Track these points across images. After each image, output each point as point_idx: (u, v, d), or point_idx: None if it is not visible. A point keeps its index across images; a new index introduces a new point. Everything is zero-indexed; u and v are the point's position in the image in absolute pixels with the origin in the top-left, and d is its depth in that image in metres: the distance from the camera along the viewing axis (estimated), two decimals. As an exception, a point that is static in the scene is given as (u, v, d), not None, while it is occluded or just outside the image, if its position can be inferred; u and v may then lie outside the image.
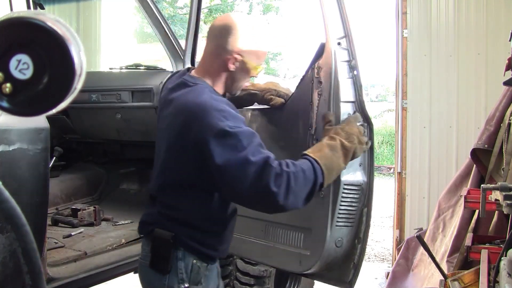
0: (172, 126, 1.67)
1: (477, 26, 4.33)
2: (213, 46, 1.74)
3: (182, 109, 1.64)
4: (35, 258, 0.98)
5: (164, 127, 1.74)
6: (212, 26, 1.78)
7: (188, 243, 1.65)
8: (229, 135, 1.55)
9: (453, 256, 3.36)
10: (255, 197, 1.58)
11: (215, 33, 1.75)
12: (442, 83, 4.44)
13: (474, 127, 4.25)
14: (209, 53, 1.76)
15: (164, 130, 1.73)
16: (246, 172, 1.53)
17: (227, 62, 1.72)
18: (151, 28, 3.12)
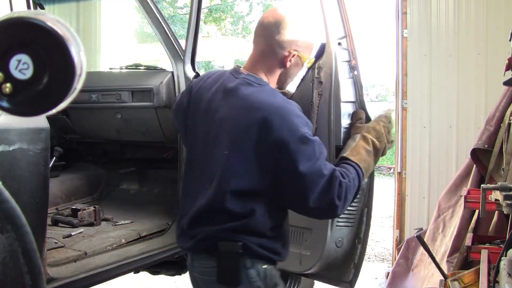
0: (240, 127, 1.56)
1: (477, 26, 4.33)
2: (267, 44, 1.67)
3: (258, 109, 1.55)
4: (35, 258, 0.98)
5: (217, 129, 1.62)
6: (262, 23, 1.69)
7: (257, 250, 1.59)
8: (308, 143, 1.54)
9: (453, 256, 3.36)
10: (318, 208, 1.58)
11: (267, 30, 1.67)
12: (442, 83, 4.44)
13: (474, 127, 4.25)
14: (261, 51, 1.69)
15: (218, 133, 1.61)
16: (318, 184, 1.52)
17: (285, 59, 1.68)
18: (151, 28, 3.11)
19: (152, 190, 3.70)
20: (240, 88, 1.62)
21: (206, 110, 1.68)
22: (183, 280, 3.88)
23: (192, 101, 1.77)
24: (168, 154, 3.34)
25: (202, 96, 1.72)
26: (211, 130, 1.64)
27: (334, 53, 2.04)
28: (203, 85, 1.76)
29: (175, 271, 3.48)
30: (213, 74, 1.79)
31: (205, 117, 1.67)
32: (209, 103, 1.68)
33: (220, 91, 1.67)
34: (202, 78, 1.82)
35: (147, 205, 3.48)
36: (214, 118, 1.64)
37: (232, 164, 1.56)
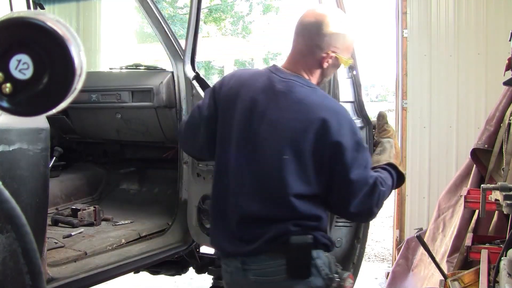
0: (297, 131, 1.57)
1: (477, 26, 4.33)
2: (306, 44, 1.67)
3: (315, 112, 1.57)
4: (35, 258, 0.98)
5: (268, 131, 1.60)
6: (302, 23, 1.68)
7: (321, 240, 1.65)
8: (362, 151, 1.59)
9: (453, 256, 3.36)
10: (357, 214, 1.65)
11: (307, 30, 1.66)
12: (442, 83, 4.44)
13: (474, 127, 4.25)
14: (300, 51, 1.68)
15: (270, 135, 1.59)
16: (362, 191, 1.58)
17: (322, 60, 1.67)
18: (151, 28, 3.11)
19: (152, 190, 3.70)
20: (293, 91, 1.61)
21: (249, 110, 1.63)
22: (183, 280, 3.89)
23: (224, 97, 1.72)
24: (168, 154, 3.34)
25: (240, 93, 1.67)
26: (258, 131, 1.61)
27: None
28: (239, 82, 1.72)
29: (175, 271, 3.48)
30: (246, 72, 1.78)
31: (248, 117, 1.63)
32: (253, 102, 1.63)
33: (268, 92, 1.63)
34: (234, 75, 1.79)
35: (147, 205, 3.48)
36: (263, 120, 1.61)
37: (292, 167, 1.56)
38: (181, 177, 2.96)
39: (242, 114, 1.64)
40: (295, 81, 1.64)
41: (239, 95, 1.67)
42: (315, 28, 1.64)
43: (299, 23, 1.68)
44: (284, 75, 1.66)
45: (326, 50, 1.65)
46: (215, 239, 1.76)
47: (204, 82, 2.94)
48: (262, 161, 1.61)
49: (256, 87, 1.65)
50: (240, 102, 1.65)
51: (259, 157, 1.61)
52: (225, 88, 1.73)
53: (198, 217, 2.80)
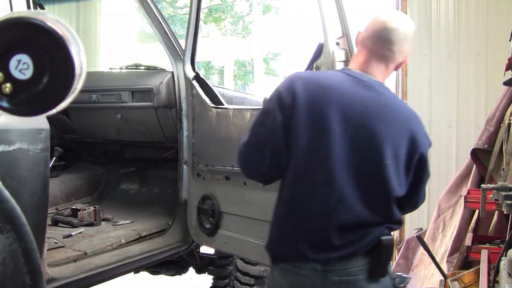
0: (398, 138, 1.60)
1: (477, 26, 4.32)
2: (391, 50, 1.66)
3: (408, 121, 1.65)
4: (35, 258, 0.97)
5: (371, 137, 1.58)
6: (387, 29, 1.66)
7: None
8: (428, 158, 1.71)
9: (453, 256, 3.36)
10: (411, 211, 1.91)
11: (395, 37, 1.65)
12: (442, 83, 4.43)
13: (474, 127, 4.24)
14: (383, 55, 1.67)
15: (374, 141, 1.58)
16: (424, 195, 1.78)
17: (400, 65, 1.72)
18: (151, 28, 3.12)
19: (152, 190, 3.71)
20: (383, 96, 1.64)
21: (343, 116, 1.58)
22: (183, 280, 3.89)
23: (308, 105, 1.59)
24: (168, 154, 3.34)
25: (328, 100, 1.60)
26: (358, 138, 1.59)
27: (332, 53, 2.04)
28: (322, 87, 1.63)
29: (175, 271, 3.48)
30: (320, 76, 1.72)
31: (344, 124, 1.58)
32: (347, 109, 1.59)
33: (359, 97, 1.61)
34: (305, 82, 1.64)
35: (147, 205, 3.48)
36: (360, 126, 1.59)
37: (392, 172, 1.60)
38: (181, 177, 2.96)
39: (336, 121, 1.58)
40: (381, 86, 1.66)
41: (328, 101, 1.59)
42: (403, 35, 1.66)
43: (383, 28, 1.66)
44: (367, 79, 1.65)
45: (404, 56, 1.71)
46: (282, 244, 1.68)
47: (204, 82, 2.94)
48: (364, 167, 1.60)
49: (345, 93, 1.61)
50: (331, 109, 1.58)
51: (361, 163, 1.60)
52: (302, 96, 1.59)
53: (198, 217, 2.80)
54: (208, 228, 2.73)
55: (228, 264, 3.35)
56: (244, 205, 2.54)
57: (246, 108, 2.54)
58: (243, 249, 2.56)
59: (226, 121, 2.59)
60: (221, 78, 16.94)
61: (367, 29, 1.70)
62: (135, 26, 15.19)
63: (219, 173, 2.69)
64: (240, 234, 2.57)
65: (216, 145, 2.69)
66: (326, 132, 1.57)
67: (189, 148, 2.91)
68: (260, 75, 16.51)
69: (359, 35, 1.73)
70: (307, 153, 1.59)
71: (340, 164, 1.57)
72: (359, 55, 1.71)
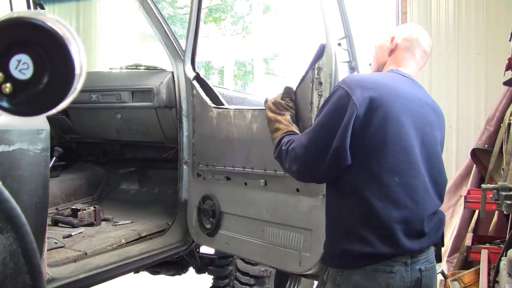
0: (437, 127, 1.79)
1: (477, 26, 4.33)
2: (423, 58, 1.91)
3: (439, 110, 1.84)
4: (35, 258, 0.97)
5: (431, 133, 1.76)
6: (426, 40, 1.90)
7: None
8: None
9: (453, 256, 3.36)
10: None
11: (428, 49, 1.91)
12: (442, 83, 4.44)
13: (474, 127, 4.25)
14: (419, 64, 1.90)
15: (433, 138, 1.77)
16: None
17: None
18: (151, 28, 3.12)
19: (152, 190, 3.71)
20: (427, 95, 1.84)
21: (415, 115, 1.71)
22: (183, 280, 3.89)
23: (380, 106, 1.62)
24: (168, 154, 3.34)
25: (399, 100, 1.67)
26: (423, 129, 1.72)
27: (334, 53, 2.04)
28: (391, 89, 1.68)
29: (175, 271, 3.48)
30: (382, 77, 1.77)
31: (417, 123, 1.71)
32: (415, 109, 1.73)
33: (420, 98, 1.77)
34: (369, 85, 1.65)
35: (147, 205, 3.48)
36: (426, 124, 1.75)
37: (440, 160, 1.79)
38: (181, 177, 2.96)
39: (408, 116, 1.67)
40: (421, 86, 1.85)
41: (398, 101, 1.66)
42: (430, 47, 1.93)
43: (429, 41, 1.91)
44: (414, 81, 1.83)
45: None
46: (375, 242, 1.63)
47: (204, 82, 2.93)
48: (431, 158, 1.74)
49: (408, 92, 1.73)
50: (400, 107, 1.66)
51: (429, 154, 1.74)
52: (376, 101, 1.62)
53: (199, 217, 2.80)
54: (209, 228, 2.73)
55: (228, 264, 3.35)
56: (245, 205, 2.54)
57: (247, 108, 2.54)
58: (244, 249, 2.56)
59: (227, 121, 2.59)
60: (221, 78, 16.95)
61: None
62: (135, 26, 15.19)
63: (219, 173, 2.69)
64: (240, 234, 2.57)
65: (216, 145, 2.69)
66: (403, 129, 1.65)
67: (189, 148, 2.91)
68: (260, 75, 16.52)
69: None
70: (390, 149, 1.62)
71: (418, 157, 1.68)
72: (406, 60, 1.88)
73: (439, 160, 1.78)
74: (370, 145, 1.61)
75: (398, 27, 2.00)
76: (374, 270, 1.61)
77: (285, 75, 16.78)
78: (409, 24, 2.02)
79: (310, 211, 2.15)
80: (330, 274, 1.69)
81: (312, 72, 2.12)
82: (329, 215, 1.76)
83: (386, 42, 1.92)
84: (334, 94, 1.67)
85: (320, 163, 1.65)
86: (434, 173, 1.74)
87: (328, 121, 1.64)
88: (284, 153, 1.74)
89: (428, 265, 1.72)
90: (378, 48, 1.95)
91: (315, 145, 1.65)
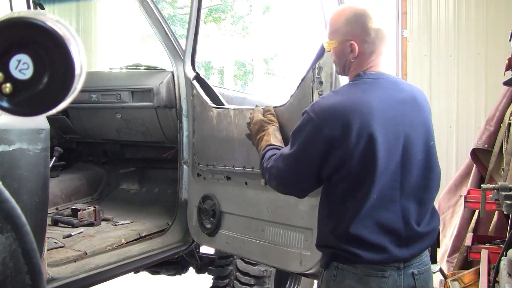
0: (419, 121, 1.71)
1: (477, 26, 4.33)
2: (387, 42, 1.79)
3: (418, 96, 1.74)
4: (35, 258, 0.98)
5: (408, 125, 1.66)
6: (384, 29, 1.76)
7: None
8: None
9: (453, 256, 3.36)
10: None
11: (385, 29, 1.79)
12: (442, 83, 4.44)
13: (474, 127, 4.25)
14: (383, 53, 1.80)
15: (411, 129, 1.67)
16: None
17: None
18: (151, 28, 3.12)
19: (152, 190, 3.71)
20: (407, 87, 1.78)
21: (398, 124, 1.66)
22: (183, 280, 3.89)
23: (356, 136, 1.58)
24: (168, 154, 3.34)
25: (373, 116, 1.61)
26: (410, 137, 1.66)
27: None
28: (363, 105, 1.62)
29: (175, 271, 3.48)
30: (356, 94, 1.66)
31: (397, 133, 1.65)
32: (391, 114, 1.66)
33: (397, 99, 1.70)
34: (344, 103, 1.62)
35: (147, 205, 3.48)
36: (415, 121, 1.70)
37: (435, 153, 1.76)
38: (181, 177, 2.96)
39: (389, 131, 1.62)
40: (393, 79, 1.76)
41: (375, 117, 1.60)
42: (386, 27, 1.76)
43: (383, 29, 1.72)
44: (385, 79, 1.73)
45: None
46: (376, 250, 1.63)
47: (204, 82, 2.93)
48: (419, 159, 1.69)
49: (385, 101, 1.65)
50: (380, 123, 1.60)
51: (415, 158, 1.69)
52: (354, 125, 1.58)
53: (199, 217, 2.80)
54: (209, 228, 2.73)
55: (228, 264, 3.35)
56: (245, 205, 2.54)
57: (247, 108, 2.53)
58: (244, 249, 2.56)
59: (227, 121, 2.59)
60: (221, 78, 16.94)
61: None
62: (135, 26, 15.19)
63: (220, 173, 2.69)
64: (241, 234, 2.57)
65: (216, 145, 2.69)
66: (378, 146, 1.58)
67: (189, 148, 2.91)
68: (260, 75, 16.51)
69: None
70: (381, 158, 1.59)
71: (398, 165, 1.63)
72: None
73: (428, 156, 1.69)
74: (349, 170, 1.59)
75: (346, 21, 1.70)
76: (367, 274, 1.61)
77: (285, 75, 16.78)
78: (356, 16, 1.71)
79: (311, 210, 2.15)
80: (324, 278, 1.70)
81: (312, 72, 2.13)
82: (319, 214, 1.75)
83: (344, 47, 1.70)
84: (305, 125, 1.64)
85: (296, 187, 1.75)
86: (421, 174, 1.67)
87: (301, 152, 1.65)
88: (264, 170, 1.81)
89: (422, 268, 1.69)
90: (337, 54, 1.75)
91: (291, 172, 1.69)
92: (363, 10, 1.72)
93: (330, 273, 1.66)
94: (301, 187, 1.74)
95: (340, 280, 1.64)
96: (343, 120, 1.57)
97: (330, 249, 1.66)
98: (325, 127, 1.58)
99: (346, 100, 1.62)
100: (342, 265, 1.64)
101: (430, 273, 1.74)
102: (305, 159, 1.65)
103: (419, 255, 1.68)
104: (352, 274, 1.62)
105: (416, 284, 1.66)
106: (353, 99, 1.62)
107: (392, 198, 1.62)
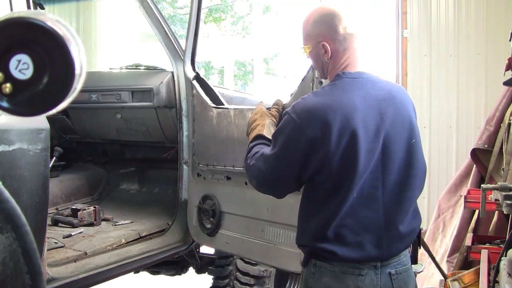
0: (399, 118, 1.68)
1: (477, 26, 4.33)
2: (359, 39, 1.76)
3: (397, 94, 1.72)
4: (35, 258, 0.98)
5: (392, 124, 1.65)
6: (350, 19, 1.72)
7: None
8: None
9: (453, 256, 3.36)
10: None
11: (357, 25, 1.76)
12: (442, 83, 4.44)
13: (474, 127, 4.25)
14: (361, 50, 1.78)
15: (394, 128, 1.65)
16: None
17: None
18: (151, 28, 3.12)
19: (152, 190, 3.71)
20: (389, 87, 1.75)
21: (380, 122, 1.65)
22: (183, 280, 3.89)
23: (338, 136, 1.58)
24: (168, 154, 3.34)
25: (353, 117, 1.61)
26: (391, 136, 1.65)
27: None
28: (345, 107, 1.61)
29: (175, 271, 3.48)
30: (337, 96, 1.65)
31: (379, 131, 1.64)
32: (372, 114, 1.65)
33: (379, 98, 1.68)
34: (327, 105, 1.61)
35: (147, 205, 3.49)
36: (396, 119, 1.69)
37: (421, 149, 1.78)
38: (181, 177, 2.96)
39: (370, 131, 1.61)
40: (373, 78, 1.73)
41: (357, 117, 1.60)
42: (358, 24, 1.74)
43: (351, 25, 1.71)
44: (364, 77, 1.70)
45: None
46: (354, 248, 1.64)
47: (204, 82, 2.94)
48: (400, 157, 1.69)
49: (365, 100, 1.63)
50: (362, 122, 1.60)
51: (396, 156, 1.68)
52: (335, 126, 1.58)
53: (199, 217, 2.80)
54: (209, 228, 2.73)
55: (228, 264, 3.35)
56: (245, 204, 2.54)
57: (247, 108, 2.54)
58: (244, 249, 2.56)
59: (227, 121, 2.59)
60: (221, 78, 16.94)
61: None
62: (135, 26, 15.19)
63: (220, 173, 2.69)
64: (241, 234, 2.57)
65: (216, 145, 2.69)
66: (359, 145, 1.58)
67: (189, 148, 2.91)
68: (260, 75, 16.51)
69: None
70: (362, 157, 1.58)
71: (379, 164, 1.63)
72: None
73: (410, 154, 1.68)
74: (330, 170, 1.59)
75: (314, 23, 1.72)
76: (343, 272, 1.62)
77: (285, 75, 16.78)
78: (323, 17, 1.72)
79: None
80: (303, 276, 1.71)
81: (312, 72, 2.13)
82: (300, 212, 1.75)
83: (318, 50, 1.71)
84: (286, 126, 1.64)
85: (276, 187, 1.74)
86: (402, 172, 1.67)
87: (283, 153, 1.65)
88: (247, 167, 1.78)
89: (400, 268, 1.68)
90: (313, 58, 1.76)
91: (272, 173, 1.69)
92: (330, 9, 1.72)
93: (309, 271, 1.67)
94: (281, 188, 1.74)
95: (318, 278, 1.65)
96: (324, 121, 1.56)
97: (309, 247, 1.67)
98: (306, 128, 1.58)
99: (327, 101, 1.61)
100: (320, 263, 1.64)
101: (410, 273, 1.72)
102: (286, 160, 1.65)
103: (397, 255, 1.67)
104: (330, 271, 1.63)
105: (393, 284, 1.65)
106: (333, 99, 1.62)
107: (373, 197, 1.62)
